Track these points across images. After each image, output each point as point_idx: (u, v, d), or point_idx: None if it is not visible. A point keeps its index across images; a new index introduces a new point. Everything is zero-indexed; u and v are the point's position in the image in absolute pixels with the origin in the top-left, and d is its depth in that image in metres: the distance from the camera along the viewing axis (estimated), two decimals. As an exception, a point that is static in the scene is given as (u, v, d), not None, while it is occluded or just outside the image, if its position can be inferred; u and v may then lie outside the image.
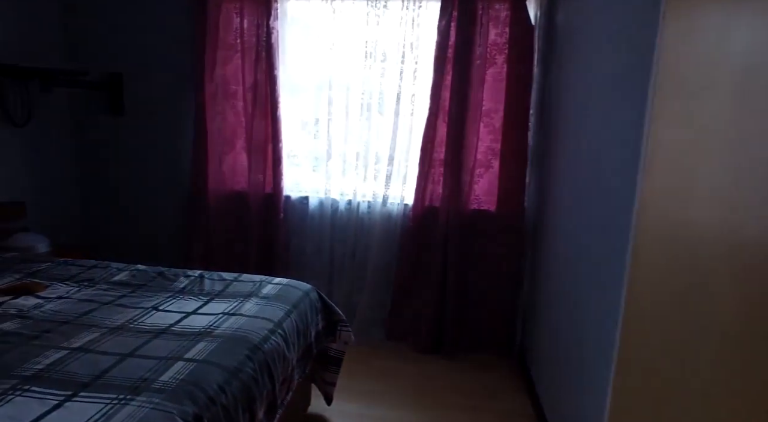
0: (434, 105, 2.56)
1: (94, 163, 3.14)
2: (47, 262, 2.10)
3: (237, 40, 2.72)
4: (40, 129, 2.86)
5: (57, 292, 1.77)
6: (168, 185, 3.04)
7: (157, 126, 3.00)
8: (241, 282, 1.93)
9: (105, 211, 3.19)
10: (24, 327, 1.48)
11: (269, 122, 2.75)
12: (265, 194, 2.83)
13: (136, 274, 1.99)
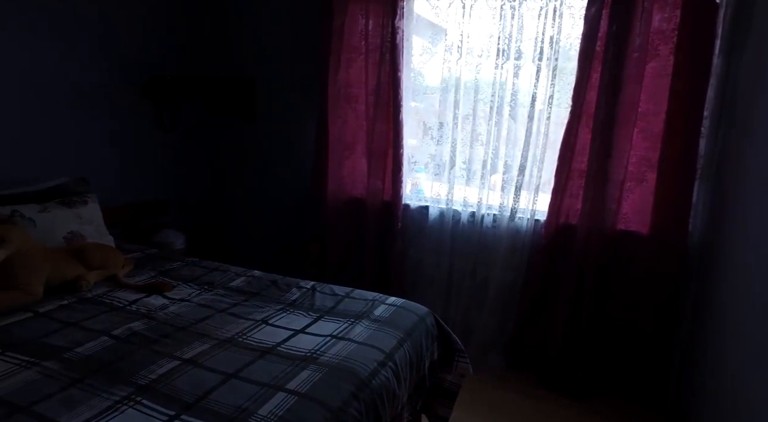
0: (577, 107, 2.20)
1: (226, 165, 3.33)
2: (178, 261, 2.20)
3: (361, 42, 2.64)
4: (184, 133, 3.08)
5: (181, 294, 1.82)
6: (291, 188, 3.09)
7: (284, 130, 3.06)
8: (352, 299, 1.82)
9: (234, 211, 3.36)
10: (148, 328, 1.51)
11: (390, 127, 2.62)
12: (383, 201, 2.71)
13: (252, 281, 1.99)
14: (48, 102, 2.31)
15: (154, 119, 2.88)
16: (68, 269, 1.82)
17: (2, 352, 1.35)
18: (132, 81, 2.71)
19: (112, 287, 1.86)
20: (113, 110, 2.63)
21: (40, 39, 2.24)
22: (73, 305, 1.67)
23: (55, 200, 2.07)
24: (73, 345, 1.39)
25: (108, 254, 1.96)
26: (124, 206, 2.73)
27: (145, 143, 2.85)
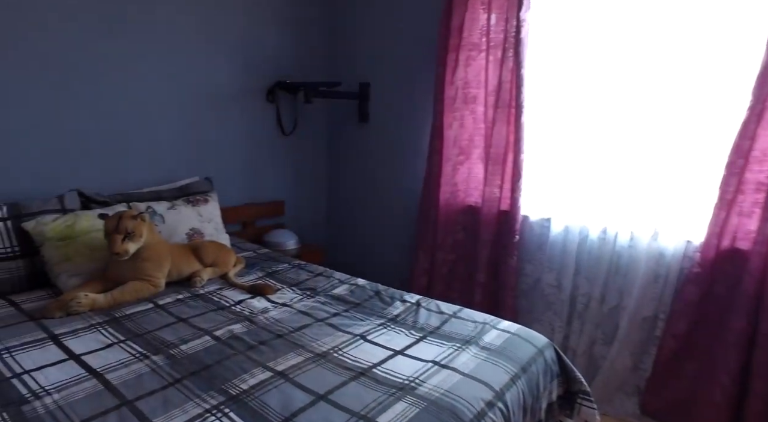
0: (757, 103, 1.75)
1: (341, 169, 3.34)
2: (286, 263, 2.21)
3: (482, 38, 2.44)
4: (301, 137, 3.15)
5: (283, 298, 1.80)
6: (402, 193, 2.99)
7: (397, 134, 2.97)
8: (460, 320, 1.63)
9: (345, 215, 3.36)
10: (248, 333, 1.49)
11: (512, 129, 2.38)
12: (499, 211, 2.47)
13: (354, 290, 1.90)
14: (187, 105, 2.49)
15: (275, 122, 2.98)
16: (186, 265, 1.91)
17: (125, 340, 1.41)
18: (257, 86, 2.83)
19: (223, 286, 1.90)
20: (240, 114, 2.77)
21: (186, 43, 2.42)
22: (187, 301, 1.73)
23: (182, 198, 2.20)
24: (180, 342, 1.42)
25: (221, 253, 2.02)
26: (243, 206, 2.85)
27: (266, 146, 2.96)
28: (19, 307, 1.62)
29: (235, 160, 2.80)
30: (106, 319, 1.55)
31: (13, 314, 1.56)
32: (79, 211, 1.90)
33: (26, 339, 1.40)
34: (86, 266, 1.78)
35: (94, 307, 1.61)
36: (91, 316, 1.56)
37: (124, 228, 1.65)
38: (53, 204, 1.88)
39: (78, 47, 2.05)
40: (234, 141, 2.77)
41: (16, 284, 1.73)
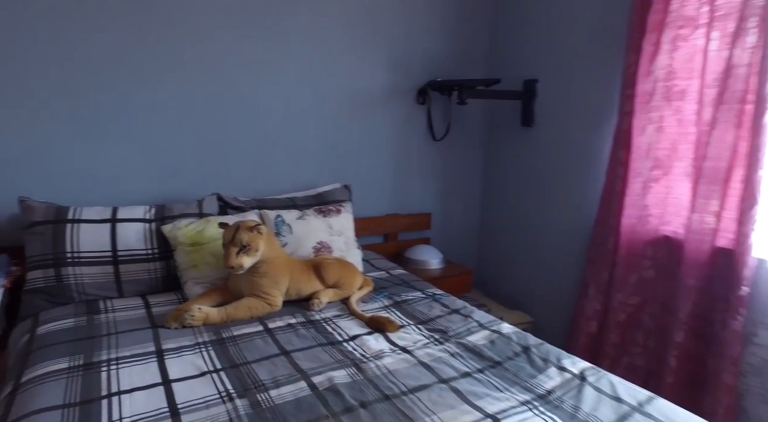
0: None
1: (498, 181, 2.90)
2: (418, 291, 1.89)
3: (702, 8, 1.77)
4: (454, 143, 2.81)
5: (405, 339, 1.47)
6: (573, 213, 2.42)
7: (568, 141, 2.41)
8: (649, 420, 1.09)
9: (500, 234, 2.91)
10: (351, 386, 1.20)
11: (743, 135, 1.67)
12: (714, 247, 1.77)
13: (496, 340, 1.47)
14: (330, 109, 2.37)
15: (425, 126, 2.69)
16: (306, 284, 1.72)
17: (220, 370, 1.26)
18: (406, 87, 2.58)
19: (342, 312, 1.67)
20: (386, 118, 2.55)
21: (330, 44, 2.29)
22: (298, 327, 1.53)
23: (314, 208, 2.05)
24: (272, 384, 1.19)
25: (346, 273, 1.79)
26: (385, 217, 2.63)
27: (414, 152, 2.69)
28: (149, 309, 1.61)
29: (379, 167, 2.59)
30: (212, 339, 1.42)
31: (142, 318, 1.54)
32: (212, 217, 1.86)
33: (137, 350, 1.33)
34: (211, 275, 1.71)
35: (206, 322, 1.51)
36: (200, 333, 1.45)
37: (240, 240, 1.52)
38: (193, 208, 1.88)
39: (222, 52, 2.05)
40: (379, 147, 2.56)
41: (153, 285, 1.74)
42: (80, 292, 1.62)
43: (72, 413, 1.06)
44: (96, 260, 1.64)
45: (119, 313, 1.57)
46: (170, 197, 2.01)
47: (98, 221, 1.68)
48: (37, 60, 1.72)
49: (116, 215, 1.72)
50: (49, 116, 1.78)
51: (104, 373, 1.21)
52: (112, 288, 1.67)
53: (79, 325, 1.47)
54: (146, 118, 1.94)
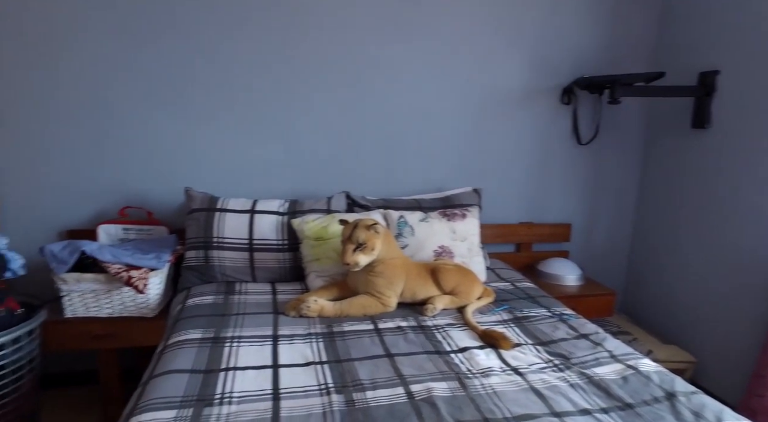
0: None
1: (657, 192, 2.50)
2: (544, 308, 1.71)
3: None
4: (603, 147, 2.51)
5: (519, 360, 1.33)
6: (756, 237, 1.96)
7: (755, 145, 1.96)
8: None
9: (656, 255, 2.50)
10: (449, 401, 1.11)
11: None
12: None
13: (630, 378, 1.24)
14: (465, 110, 2.29)
15: (569, 128, 2.45)
16: (422, 288, 1.68)
17: (325, 363, 1.28)
18: (550, 86, 2.37)
19: (455, 321, 1.58)
20: (526, 119, 2.38)
21: (470, 43, 2.22)
22: (407, 331, 1.49)
23: (438, 211, 2.00)
24: (370, 385, 1.17)
25: (464, 281, 1.70)
26: (519, 225, 2.46)
27: (555, 157, 2.47)
28: (275, 296, 1.73)
29: (514, 172, 2.43)
30: (323, 331, 1.46)
31: (267, 303, 1.67)
32: (338, 214, 1.93)
33: (256, 332, 1.44)
34: (331, 269, 1.77)
35: (321, 314, 1.56)
36: (314, 324, 1.51)
37: (357, 238, 1.54)
38: (321, 204, 1.97)
39: (360, 56, 2.11)
40: (515, 150, 2.40)
41: (282, 274, 1.88)
42: (222, 273, 1.82)
43: (196, 378, 1.18)
44: (236, 246, 1.82)
45: (250, 296, 1.72)
46: (304, 192, 2.15)
47: (240, 211, 1.86)
48: (199, 73, 1.99)
49: (255, 207, 1.89)
50: (210, 120, 2.03)
51: (227, 348, 1.33)
52: (246, 273, 1.84)
53: (217, 302, 1.65)
54: (289, 120, 2.10)
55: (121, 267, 1.69)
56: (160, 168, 2.04)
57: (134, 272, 1.70)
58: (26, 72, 1.85)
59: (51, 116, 1.90)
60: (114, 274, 1.68)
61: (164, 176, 2.04)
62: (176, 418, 1.02)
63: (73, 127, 1.93)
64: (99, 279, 1.71)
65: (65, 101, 1.90)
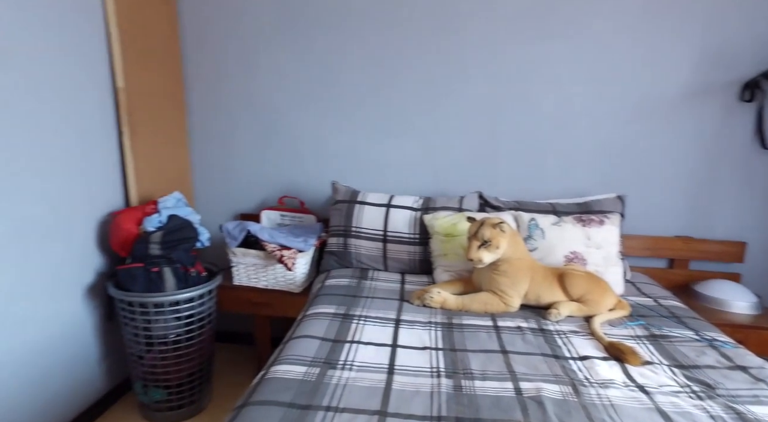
0: None
1: None
2: (692, 330, 1.52)
3: None
4: (796, 154, 2.10)
5: (648, 378, 1.22)
6: None
7: None
8: None
9: None
10: (558, 403, 1.09)
11: None
12: None
13: (789, 419, 1.05)
14: (616, 110, 2.14)
15: (749, 130, 2.11)
16: (547, 292, 1.63)
17: (440, 349, 1.35)
18: (724, 82, 2.07)
19: (581, 330, 1.51)
20: (688, 119, 2.12)
21: (625, 39, 2.08)
22: (526, 332, 1.47)
23: (573, 215, 1.91)
24: (480, 376, 1.21)
25: (594, 290, 1.61)
26: (673, 239, 2.20)
27: (727, 163, 2.14)
28: (403, 285, 1.85)
29: (672, 179, 2.18)
30: (443, 322, 1.53)
31: (395, 290, 1.80)
32: (469, 212, 1.97)
33: (381, 314, 1.56)
34: (458, 265, 1.83)
35: (443, 306, 1.63)
36: (435, 314, 1.58)
37: (482, 236, 1.57)
38: (454, 202, 2.04)
39: (504, 57, 2.11)
40: (675, 155, 2.16)
41: (412, 265, 1.99)
42: (358, 260, 2.01)
43: (325, 345, 1.34)
44: (371, 236, 1.99)
45: (380, 283, 1.86)
46: (438, 190, 2.24)
47: (377, 205, 2.03)
48: (349, 78, 2.20)
49: (391, 202, 2.03)
50: (356, 121, 2.25)
51: (354, 324, 1.48)
52: (379, 261, 1.99)
53: (351, 285, 1.82)
54: (427, 121, 2.21)
55: (275, 247, 1.98)
56: (313, 163, 2.32)
57: (286, 252, 1.97)
58: (221, 84, 2.28)
59: (234, 120, 2.31)
60: (270, 252, 1.97)
61: (316, 170, 2.32)
62: (305, 373, 1.19)
63: (249, 129, 2.31)
64: (259, 255, 2.02)
65: (246, 107, 2.29)
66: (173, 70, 2.22)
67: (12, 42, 1.48)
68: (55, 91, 1.65)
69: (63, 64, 1.67)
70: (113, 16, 1.84)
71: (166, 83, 2.17)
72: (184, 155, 2.33)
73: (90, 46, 1.79)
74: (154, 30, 2.07)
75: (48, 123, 1.63)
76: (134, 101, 1.96)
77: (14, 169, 1.51)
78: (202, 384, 1.97)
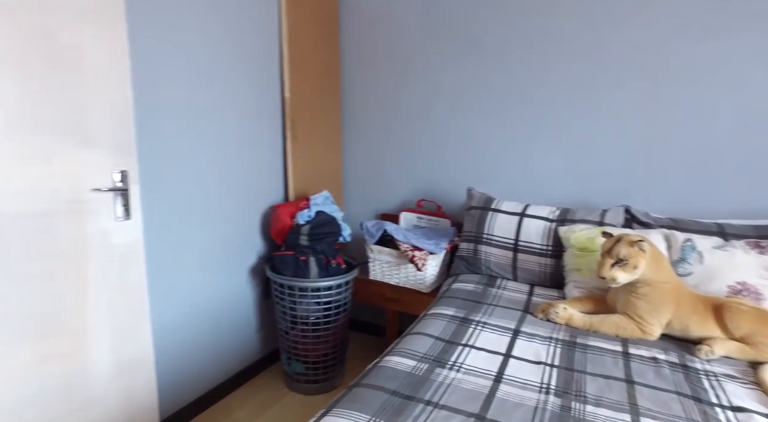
0: None
1: None
2: None
3: None
4: None
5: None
6: None
7: None
8: None
9: None
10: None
11: None
12: None
13: None
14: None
15: None
16: (697, 325, 1.42)
17: (555, 366, 1.29)
18: None
19: (740, 375, 1.28)
20: None
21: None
22: (663, 365, 1.31)
23: (746, 240, 1.62)
24: (594, 402, 1.13)
25: (765, 331, 1.35)
26: None
27: None
28: (531, 296, 1.80)
29: None
30: (565, 339, 1.45)
31: (520, 301, 1.75)
32: (610, 227, 1.81)
33: (500, 322, 1.55)
34: (591, 282, 1.70)
35: (569, 322, 1.54)
36: (558, 330, 1.51)
37: (617, 253, 1.44)
38: (594, 216, 1.89)
39: (660, 52, 1.89)
40: None
41: (541, 277, 1.91)
42: (487, 267, 2.00)
43: (438, 344, 1.39)
44: (501, 244, 1.96)
45: (507, 292, 1.83)
46: (579, 201, 2.10)
47: (510, 213, 1.99)
48: (499, 82, 2.19)
49: (525, 211, 1.98)
50: (498, 128, 2.23)
51: (471, 329, 1.50)
52: (508, 271, 1.95)
53: (476, 290, 1.83)
54: (578, 126, 2.08)
55: (408, 247, 2.09)
56: (454, 168, 2.37)
57: (417, 253, 2.06)
58: (374, 95, 2.48)
59: (384, 127, 2.49)
60: (403, 251, 2.08)
61: (456, 175, 2.37)
62: (414, 367, 1.26)
63: (398, 135, 2.47)
64: (392, 254, 2.15)
65: (396, 115, 2.46)
66: (332, 81, 2.49)
67: (214, 67, 1.85)
68: (242, 102, 2.00)
69: (248, 81, 2.02)
70: (286, 38, 2.15)
71: (325, 93, 2.45)
72: (337, 157, 2.59)
73: (268, 64, 2.12)
74: (318, 48, 2.35)
75: (235, 127, 1.99)
76: (297, 110, 2.26)
77: (208, 165, 1.88)
78: (335, 365, 2.18)
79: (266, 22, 2.09)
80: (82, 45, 1.30)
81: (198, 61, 1.79)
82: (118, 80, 1.39)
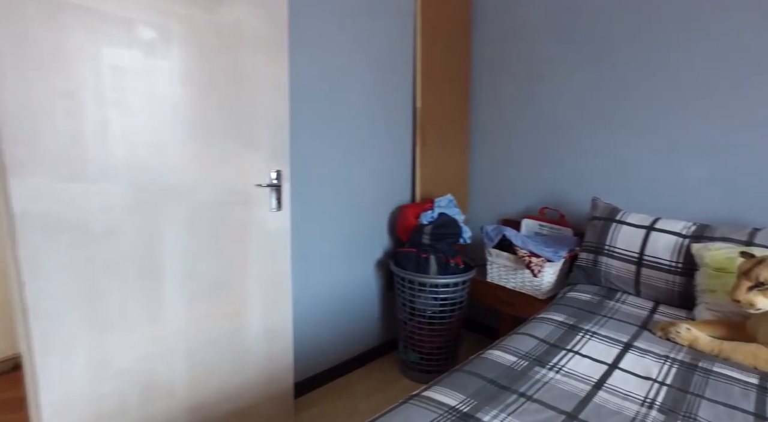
0: None
1: None
2: None
3: None
4: None
5: None
6: None
7: None
8: None
9: None
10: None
11: None
12: None
13: None
14: None
15: None
16: None
17: (667, 386, 1.26)
18: None
19: None
20: None
21: None
22: (801, 402, 1.18)
23: None
24: None
25: None
26: None
27: None
28: (653, 313, 1.72)
29: None
30: (684, 360, 1.38)
31: (639, 316, 1.69)
32: (763, 249, 1.64)
33: (612, 335, 1.53)
34: (726, 305, 1.57)
35: (692, 345, 1.45)
36: (678, 351, 1.44)
37: (756, 275, 1.33)
38: (740, 234, 1.72)
39: None
40: None
41: (667, 295, 1.80)
42: (606, 279, 1.94)
43: (542, 346, 1.44)
44: (624, 257, 1.89)
45: (626, 306, 1.77)
46: (723, 218, 1.91)
47: (637, 226, 1.91)
48: (625, 95, 2.10)
49: (654, 225, 1.88)
50: (630, 137, 2.13)
51: (578, 336, 1.51)
52: (630, 285, 1.88)
53: (591, 301, 1.81)
54: (719, 134, 1.91)
55: (525, 253, 2.12)
56: (580, 177, 2.33)
57: (534, 259, 2.09)
58: (504, 103, 2.55)
59: (512, 134, 2.55)
60: (520, 256, 2.13)
61: (582, 184, 2.33)
62: (514, 363, 1.33)
63: (525, 142, 2.51)
64: (510, 258, 2.20)
65: (524, 123, 2.50)
66: (462, 91, 2.62)
67: (355, 83, 2.13)
68: (377, 113, 2.25)
69: (383, 93, 2.27)
70: (420, 55, 2.34)
71: (455, 101, 2.59)
72: (463, 163, 2.71)
73: (403, 78, 2.34)
74: (449, 59, 2.50)
75: (371, 136, 2.24)
76: (426, 118, 2.44)
77: (347, 168, 2.16)
78: (447, 359, 2.30)
79: (403, 41, 2.31)
80: (257, 71, 1.63)
81: (340, 78, 2.07)
82: (280, 98, 1.71)
